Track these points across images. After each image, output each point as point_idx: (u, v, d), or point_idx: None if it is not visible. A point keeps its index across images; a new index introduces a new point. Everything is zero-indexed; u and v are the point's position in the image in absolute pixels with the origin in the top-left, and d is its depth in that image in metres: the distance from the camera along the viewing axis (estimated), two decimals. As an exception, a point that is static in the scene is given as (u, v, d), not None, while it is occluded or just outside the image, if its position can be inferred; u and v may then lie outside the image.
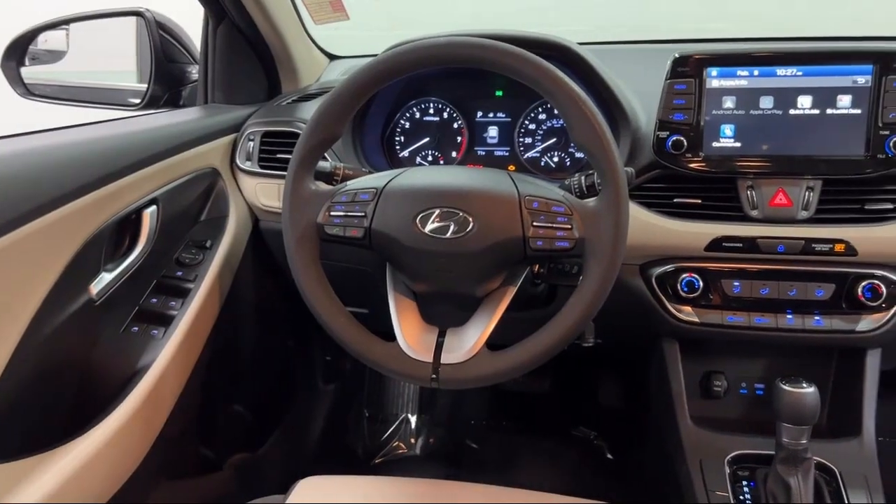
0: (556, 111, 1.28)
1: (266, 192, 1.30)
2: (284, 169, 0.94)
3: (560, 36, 1.20)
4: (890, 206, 1.06)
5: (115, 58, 1.61)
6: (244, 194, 1.34)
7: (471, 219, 0.87)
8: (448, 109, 1.35)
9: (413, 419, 1.93)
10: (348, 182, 0.96)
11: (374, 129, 1.36)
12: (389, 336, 0.92)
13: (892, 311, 1.08)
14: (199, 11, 1.45)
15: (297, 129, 1.27)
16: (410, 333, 0.92)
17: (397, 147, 1.37)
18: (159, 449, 1.11)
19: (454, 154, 1.36)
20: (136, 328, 1.11)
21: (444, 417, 1.93)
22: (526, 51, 0.86)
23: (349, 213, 0.91)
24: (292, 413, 1.69)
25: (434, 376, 0.89)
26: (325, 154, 1.10)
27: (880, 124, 1.02)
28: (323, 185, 0.96)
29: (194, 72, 1.52)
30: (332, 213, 0.91)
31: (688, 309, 1.14)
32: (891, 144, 1.02)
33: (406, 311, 0.95)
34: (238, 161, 1.32)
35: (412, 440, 1.90)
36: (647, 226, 1.12)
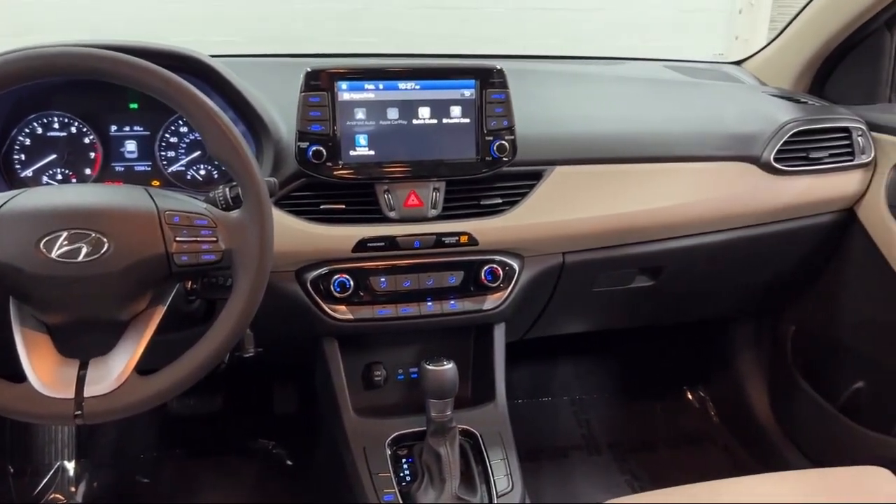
0: None
1: None
2: None
3: (190, 48, 1.19)
4: (500, 200, 1.24)
5: None
6: None
7: (105, 239, 0.83)
8: (77, 124, 1.25)
9: (70, 465, 1.74)
10: None
11: (-17, 147, 1.20)
12: (23, 377, 0.83)
13: (508, 290, 1.27)
14: None
15: None
16: (44, 370, 0.84)
17: (17, 167, 1.23)
18: None
19: (88, 171, 1.26)
20: None
21: (108, 457, 1.78)
22: (150, 62, 0.84)
23: None
24: None
25: (78, 412, 0.83)
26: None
27: (485, 131, 1.19)
28: None
29: None
30: None
31: (342, 308, 1.21)
32: (495, 148, 1.19)
33: (38, 347, 0.86)
34: None
35: (72, 489, 1.71)
36: (297, 232, 1.16)
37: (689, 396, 2.05)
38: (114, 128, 1.26)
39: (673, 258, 1.40)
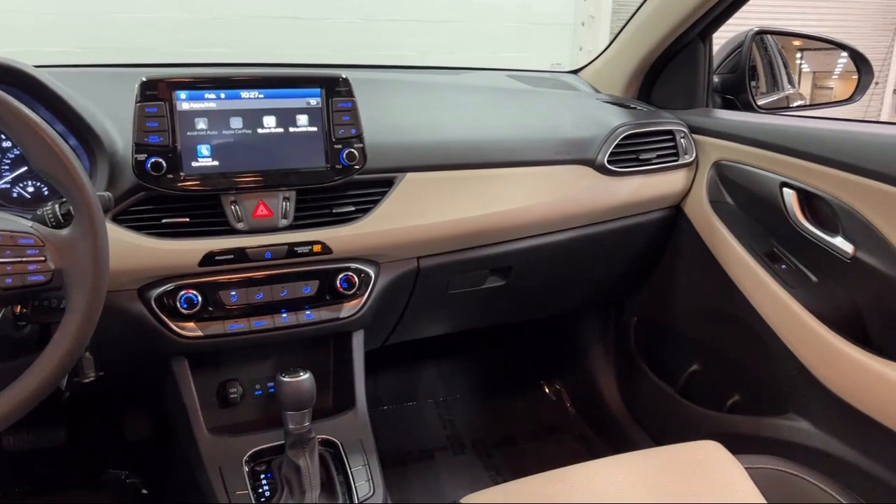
0: None
1: None
2: None
3: (12, 58, 1.11)
4: (352, 208, 1.24)
5: None
6: None
7: None
8: None
9: None
10: None
11: None
12: None
13: (365, 297, 1.27)
14: None
15: None
16: None
17: None
18: None
19: None
20: None
21: None
22: None
23: None
24: None
25: None
26: None
27: (333, 140, 1.19)
28: None
29: None
30: None
31: (190, 325, 1.17)
32: (344, 156, 1.19)
33: None
34: None
35: None
36: (138, 249, 1.11)
37: (546, 390, 2.14)
38: None
39: (520, 258, 1.46)
